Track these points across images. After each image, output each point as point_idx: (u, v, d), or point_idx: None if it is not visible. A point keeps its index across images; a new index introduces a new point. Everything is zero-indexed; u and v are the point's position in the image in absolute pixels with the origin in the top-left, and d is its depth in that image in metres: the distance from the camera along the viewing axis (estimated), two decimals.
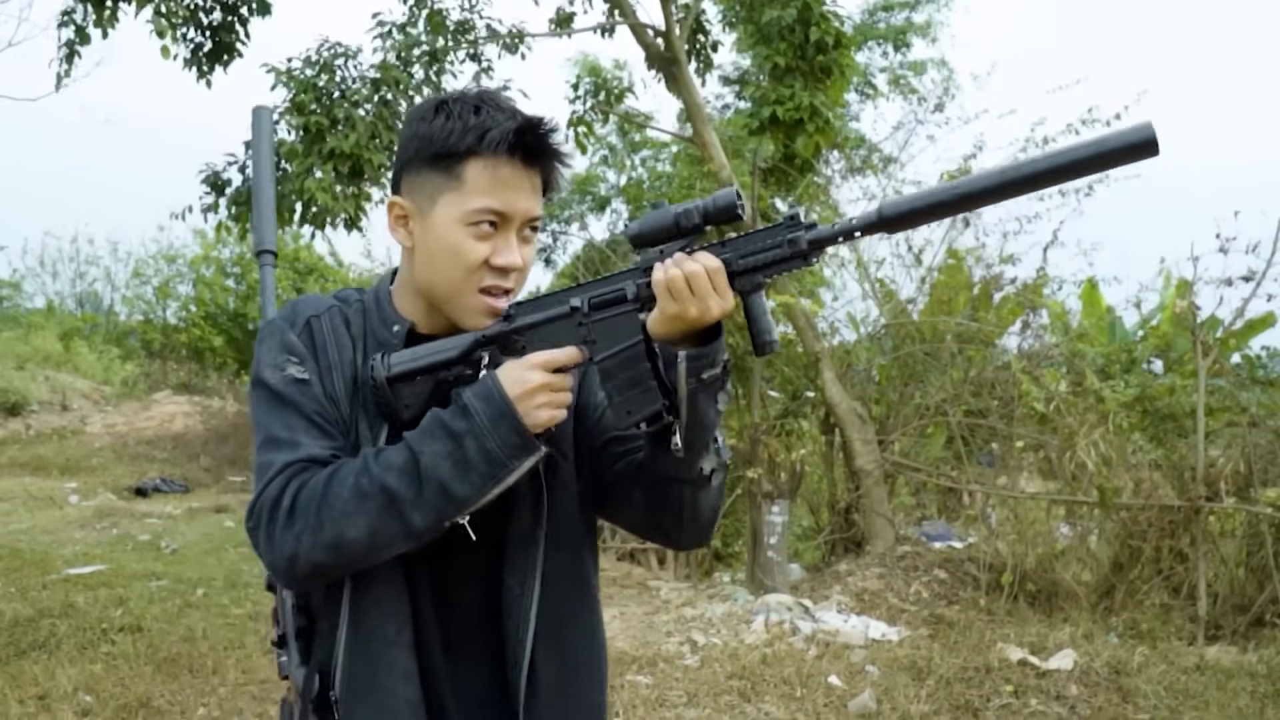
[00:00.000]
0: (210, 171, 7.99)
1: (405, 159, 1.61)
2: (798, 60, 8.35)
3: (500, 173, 1.55)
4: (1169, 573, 6.91)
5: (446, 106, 1.57)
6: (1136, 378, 8.05)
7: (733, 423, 10.42)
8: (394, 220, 1.63)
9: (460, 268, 1.57)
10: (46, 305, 27.98)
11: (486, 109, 1.56)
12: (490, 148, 1.54)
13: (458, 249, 1.56)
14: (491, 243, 1.57)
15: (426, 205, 1.58)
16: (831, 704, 5.28)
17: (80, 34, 7.48)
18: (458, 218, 1.55)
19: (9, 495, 12.17)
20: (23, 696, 5.28)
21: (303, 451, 1.54)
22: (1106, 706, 5.26)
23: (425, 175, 1.58)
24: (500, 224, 1.57)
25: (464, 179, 1.55)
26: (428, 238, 1.59)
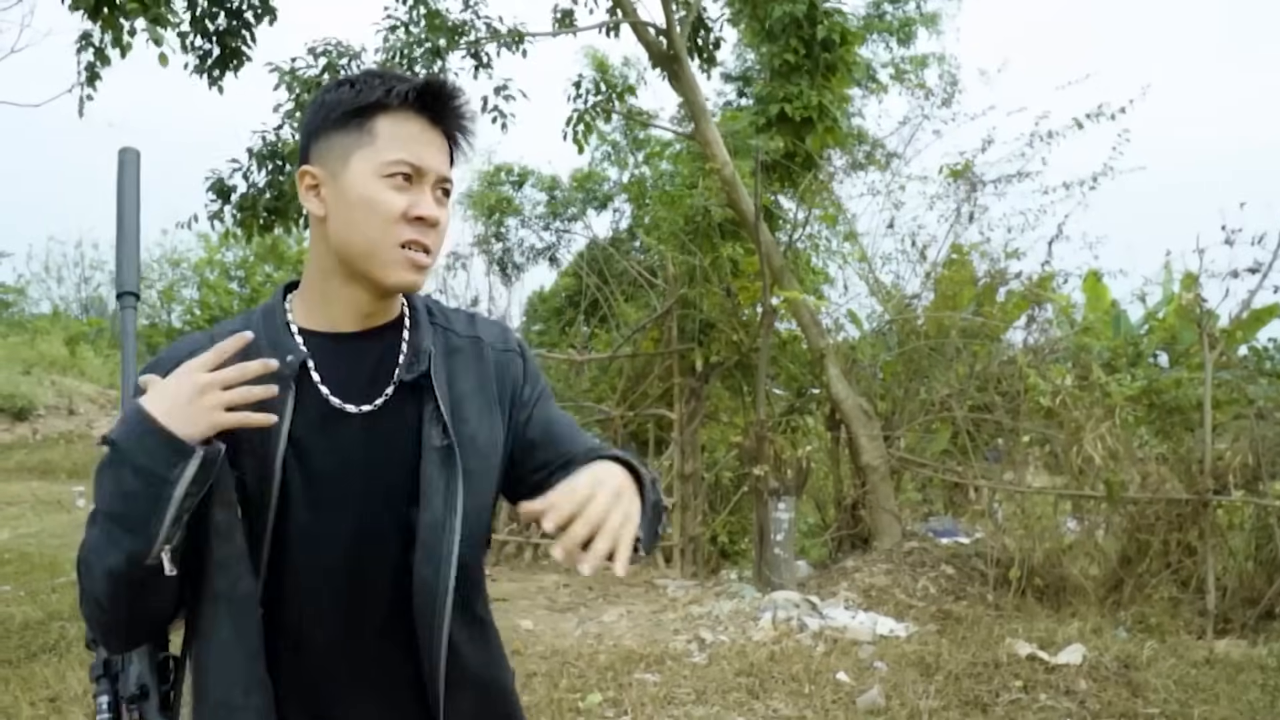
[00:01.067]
0: (216, 179, 8.00)
1: (313, 128, 1.59)
2: (804, 58, 8.34)
3: (409, 127, 1.55)
4: (1177, 566, 6.90)
5: (350, 78, 1.59)
6: (1143, 371, 8.03)
7: (738, 420, 10.43)
8: (305, 190, 1.59)
9: (379, 219, 1.54)
10: (52, 310, 28.05)
11: (389, 74, 1.57)
12: (398, 99, 1.54)
13: (374, 200, 1.53)
14: (408, 195, 1.55)
15: (339, 166, 1.56)
16: (840, 700, 5.28)
17: (100, 56, 7.48)
18: (372, 171, 1.54)
19: (17, 499, 12.21)
20: (34, 699, 5.29)
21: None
22: (1116, 701, 5.24)
23: (335, 138, 1.56)
24: (414, 177, 1.55)
25: (375, 133, 1.54)
26: (343, 198, 1.55)
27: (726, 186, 8.67)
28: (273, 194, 7.82)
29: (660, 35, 8.71)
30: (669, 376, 9.84)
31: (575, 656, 6.02)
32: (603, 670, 5.72)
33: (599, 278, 11.55)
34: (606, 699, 5.30)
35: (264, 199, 7.86)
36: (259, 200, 7.86)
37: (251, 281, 22.19)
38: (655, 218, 10.50)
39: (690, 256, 9.61)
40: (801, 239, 10.00)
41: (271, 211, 7.88)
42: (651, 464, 10.07)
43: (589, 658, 5.98)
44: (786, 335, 10.01)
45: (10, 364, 20.01)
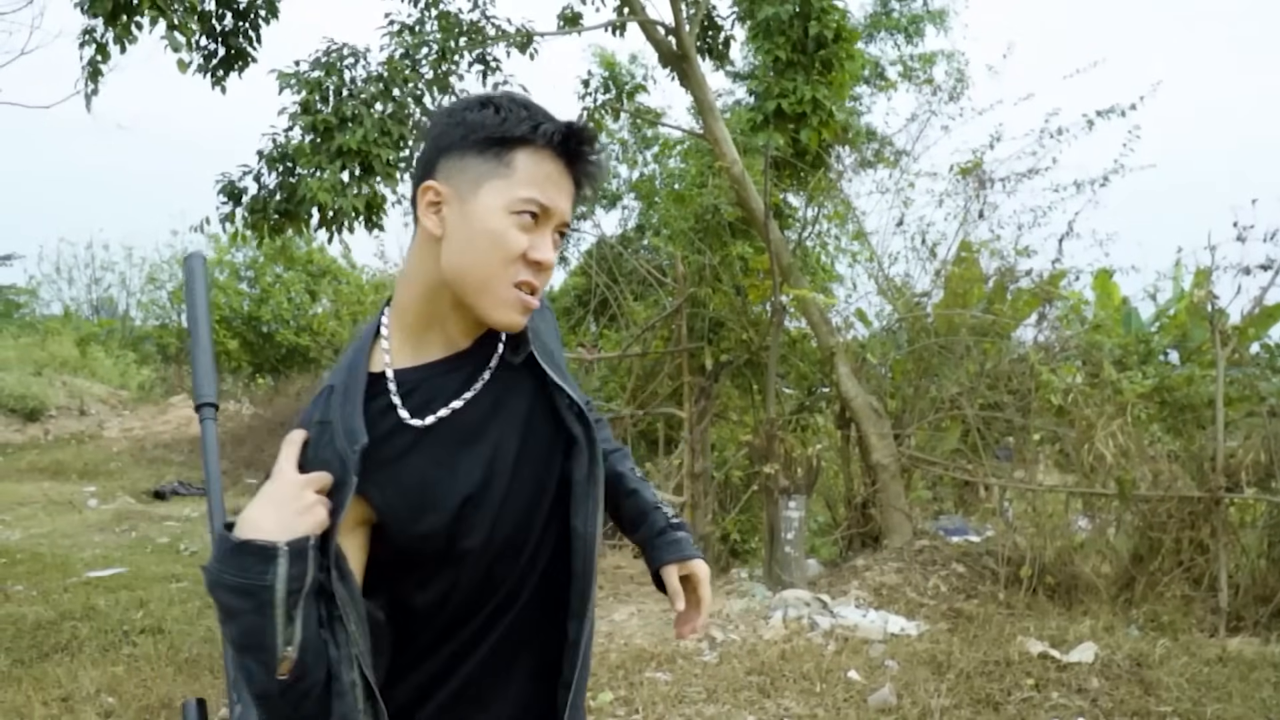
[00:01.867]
0: (227, 181, 8.02)
1: (446, 143, 1.56)
2: (798, 54, 8.33)
3: (546, 167, 1.55)
4: (1189, 564, 6.88)
5: (495, 100, 1.56)
6: (1154, 368, 8.01)
7: (747, 418, 10.42)
8: (426, 206, 1.57)
9: (500, 256, 1.53)
10: (63, 311, 28.14)
11: (534, 107, 1.56)
12: (543, 139, 1.53)
13: (500, 236, 1.53)
14: (530, 236, 1.55)
15: (468, 190, 1.54)
16: (851, 699, 5.27)
17: (102, 51, 7.50)
18: (504, 205, 1.53)
19: (29, 500, 12.24)
20: (46, 698, 5.30)
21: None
22: (1128, 699, 5.23)
23: (470, 160, 1.54)
24: (540, 218, 1.55)
25: (514, 166, 1.53)
26: (467, 223, 1.54)
27: (735, 184, 8.66)
28: (283, 196, 7.83)
29: (669, 34, 8.71)
30: (678, 375, 9.84)
31: None
32: (614, 669, 5.72)
33: (608, 276, 11.55)
34: (618, 697, 5.30)
35: (274, 201, 7.86)
36: (269, 203, 7.87)
37: (261, 282, 22.20)
38: (664, 216, 10.50)
39: (700, 255, 9.61)
40: (810, 237, 9.99)
41: (282, 214, 7.88)
42: (661, 462, 10.08)
43: (600, 656, 5.98)
44: (796, 333, 10.01)
45: (21, 365, 20.06)
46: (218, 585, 1.39)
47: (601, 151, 1.61)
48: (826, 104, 8.37)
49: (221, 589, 1.38)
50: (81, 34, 7.49)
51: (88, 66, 7.53)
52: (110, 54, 7.52)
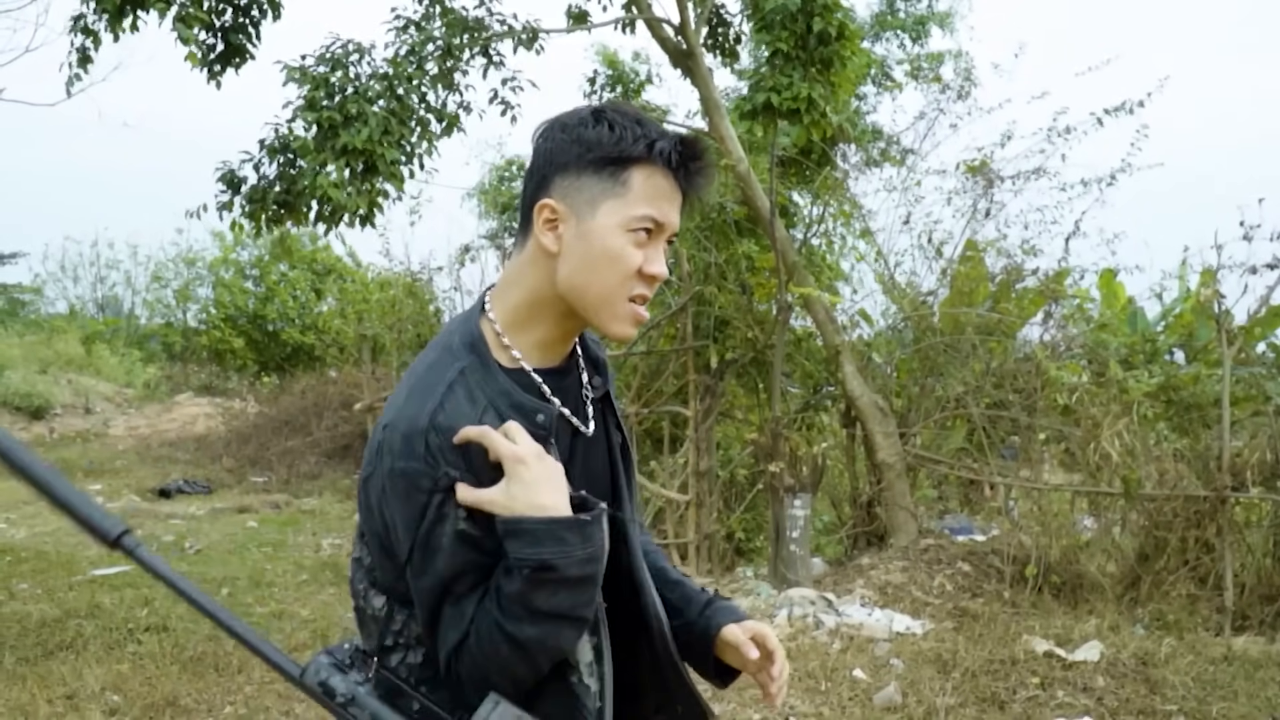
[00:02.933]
0: (226, 169, 8.01)
1: (562, 161, 1.58)
2: (799, 50, 8.31)
3: (660, 183, 1.58)
4: (1195, 563, 6.87)
5: (607, 115, 1.58)
6: (1159, 367, 8.00)
7: (753, 417, 10.41)
8: (543, 223, 1.59)
9: (618, 273, 1.57)
10: (68, 309, 28.18)
11: (647, 122, 1.59)
12: (659, 157, 1.56)
13: (618, 254, 1.56)
14: (645, 251, 1.58)
15: (586, 210, 1.57)
16: (856, 697, 5.27)
17: (91, 35, 7.50)
18: (620, 223, 1.56)
19: (34, 498, 12.23)
20: (51, 696, 5.31)
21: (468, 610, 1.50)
22: (1134, 698, 5.23)
23: (587, 179, 1.57)
24: (654, 233, 1.59)
25: (629, 185, 1.56)
26: (585, 241, 1.57)
27: (741, 182, 8.66)
28: (283, 187, 7.82)
29: (676, 32, 8.70)
30: (684, 373, 9.83)
31: None
32: None
33: None
34: None
35: (274, 192, 7.86)
36: (268, 193, 7.86)
37: (267, 280, 22.22)
38: None
39: (705, 253, 9.60)
40: (816, 235, 9.98)
41: (281, 205, 7.88)
42: (666, 461, 10.08)
43: None
44: (801, 332, 10.00)
45: (27, 363, 20.09)
46: (571, 563, 1.43)
47: (711, 162, 1.63)
48: (821, 103, 8.34)
49: (576, 564, 1.43)
50: (72, 20, 7.49)
51: (76, 52, 7.53)
52: (101, 40, 7.52)
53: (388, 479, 1.48)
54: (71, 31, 7.53)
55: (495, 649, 1.44)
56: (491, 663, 1.45)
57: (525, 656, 1.45)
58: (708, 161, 1.61)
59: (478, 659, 1.45)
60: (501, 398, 1.55)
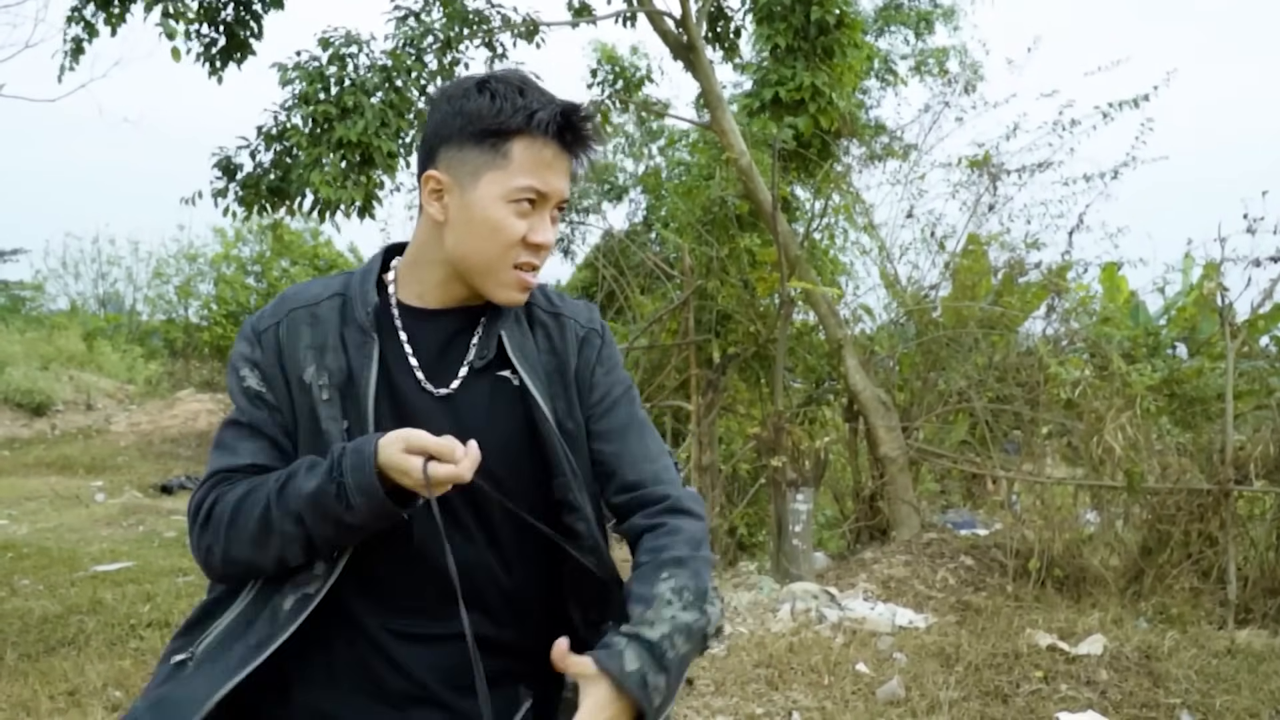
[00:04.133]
0: (223, 156, 7.99)
1: (445, 133, 1.63)
2: (799, 40, 8.29)
3: (543, 154, 1.60)
4: (1198, 557, 6.85)
5: (490, 86, 1.61)
6: (1161, 361, 7.98)
7: (754, 411, 10.40)
8: (428, 194, 1.64)
9: (499, 243, 1.61)
10: (69, 306, 28.14)
11: (530, 90, 1.61)
12: (539, 128, 1.58)
13: (499, 225, 1.60)
14: (529, 220, 1.61)
15: (468, 181, 1.60)
16: (860, 691, 5.25)
17: (88, 28, 7.48)
18: (501, 195, 1.59)
19: (36, 494, 12.26)
20: (53, 693, 5.29)
21: (235, 460, 1.64)
22: (1137, 691, 5.21)
23: (468, 151, 1.60)
24: (538, 203, 1.61)
25: (510, 157, 1.59)
26: (468, 212, 1.61)
27: (743, 176, 8.63)
28: (277, 175, 7.80)
29: (677, 25, 8.67)
30: (686, 368, 9.81)
31: None
32: None
33: (615, 269, 11.52)
34: None
35: (267, 179, 7.84)
36: (263, 180, 7.85)
37: (268, 276, 22.19)
38: (671, 209, 10.47)
39: (707, 247, 9.58)
40: (818, 229, 9.96)
41: (274, 193, 7.86)
42: None
43: None
44: (803, 326, 9.97)
45: (28, 360, 20.06)
46: (338, 506, 1.52)
47: (598, 128, 1.66)
48: (826, 90, 8.31)
49: (339, 507, 1.52)
50: (70, 10, 7.46)
51: (70, 43, 7.51)
52: (98, 32, 7.50)
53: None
54: (69, 23, 7.51)
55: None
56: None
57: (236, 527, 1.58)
58: (592, 128, 1.64)
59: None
60: (358, 286, 1.69)
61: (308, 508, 1.52)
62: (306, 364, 1.64)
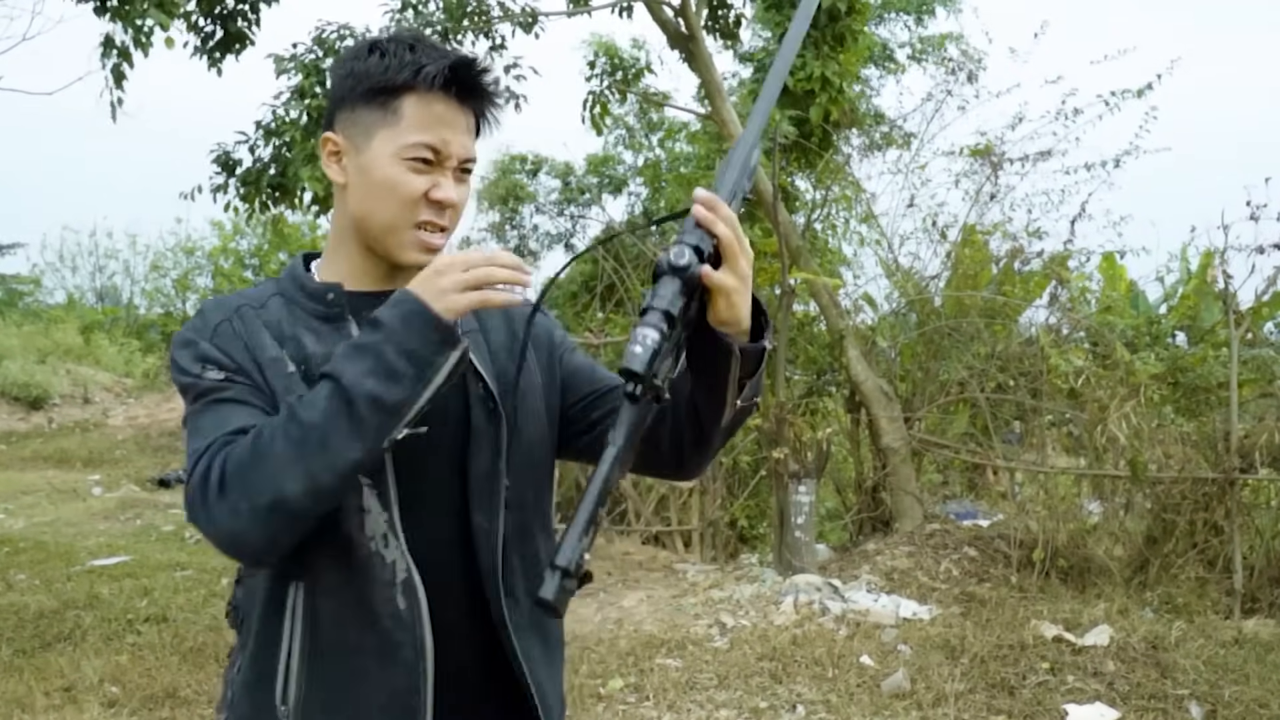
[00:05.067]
0: (221, 151, 7.94)
1: (340, 95, 1.61)
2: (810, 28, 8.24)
3: (435, 109, 1.56)
4: (1204, 546, 6.82)
5: (381, 45, 1.58)
6: (1162, 349, 7.95)
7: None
8: (327, 156, 1.62)
9: (397, 201, 1.56)
10: (67, 299, 28.11)
11: (421, 47, 1.57)
12: (426, 82, 1.54)
13: (394, 182, 1.56)
14: (428, 177, 1.57)
15: (362, 141, 1.58)
16: (864, 684, 5.21)
17: (124, 55, 7.38)
18: (394, 152, 1.55)
19: (33, 488, 12.21)
20: (49, 688, 5.25)
21: (228, 426, 1.49)
22: (1145, 682, 5.17)
23: (360, 111, 1.58)
24: (436, 160, 1.57)
25: (400, 114, 1.55)
26: (364, 173, 1.58)
27: None
28: (277, 169, 7.76)
29: (676, 14, 8.61)
30: None
31: (596, 642, 5.97)
32: (624, 655, 5.66)
33: (615, 262, 11.47)
34: (628, 684, 5.24)
35: (268, 175, 7.79)
36: (263, 175, 7.80)
37: (266, 269, 22.15)
38: (671, 200, 10.42)
39: None
40: (819, 219, 9.91)
41: (274, 188, 7.82)
42: None
43: (609, 643, 5.93)
44: (804, 316, 9.93)
45: (25, 353, 20.02)
46: (386, 342, 1.41)
47: (494, 79, 1.61)
48: (836, 80, 8.26)
49: (390, 346, 1.41)
50: (102, 42, 7.36)
51: (111, 74, 7.39)
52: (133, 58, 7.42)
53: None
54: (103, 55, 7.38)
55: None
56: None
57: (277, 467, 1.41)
58: (485, 81, 1.59)
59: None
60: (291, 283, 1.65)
61: (344, 360, 1.41)
62: (263, 354, 1.56)
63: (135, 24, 7.14)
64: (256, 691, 1.59)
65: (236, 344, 1.57)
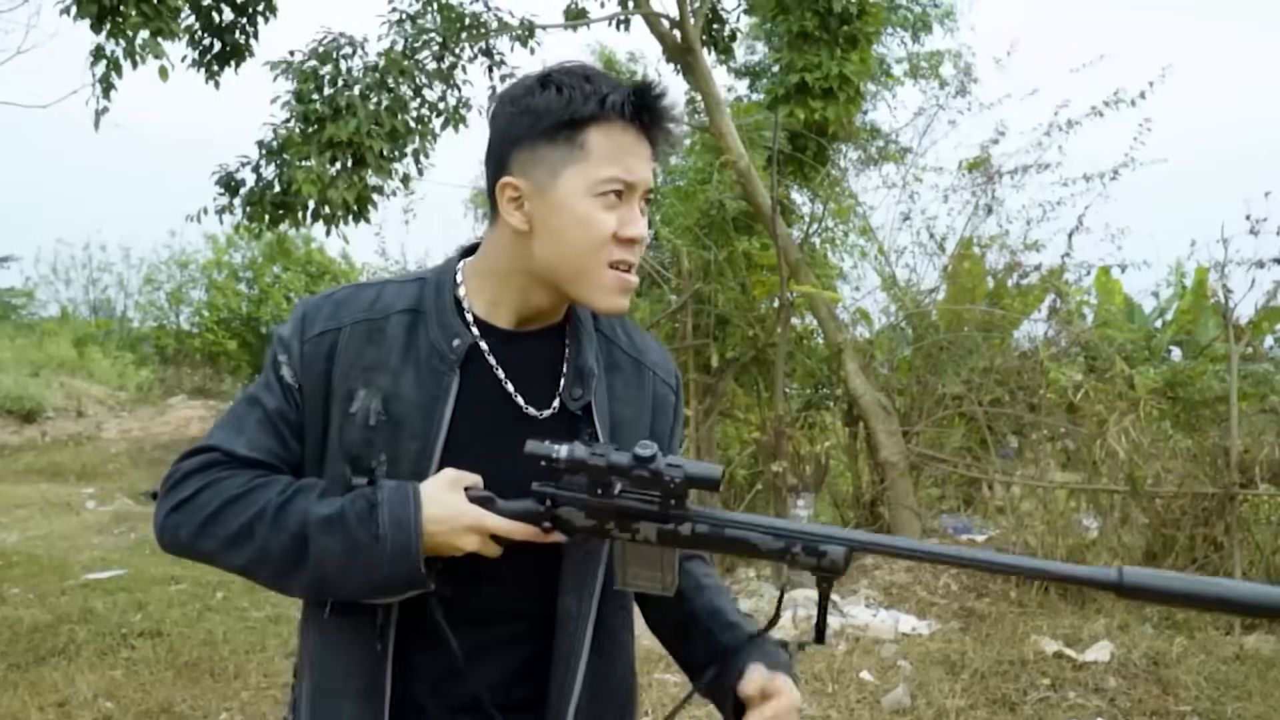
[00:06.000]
0: (224, 173, 7.93)
1: (515, 135, 1.51)
2: (821, 30, 8.26)
3: (622, 139, 1.49)
4: (1203, 561, 6.79)
5: (555, 79, 1.50)
6: (1163, 363, 7.94)
7: (752, 416, 10.33)
8: (507, 203, 1.52)
9: (590, 241, 1.49)
10: (60, 312, 28.00)
11: (596, 77, 1.50)
12: (614, 111, 1.47)
13: (588, 221, 1.48)
14: (618, 213, 1.50)
15: (548, 181, 1.49)
16: (865, 699, 5.18)
17: (115, 67, 7.37)
18: (585, 188, 1.48)
19: (26, 501, 12.15)
20: (43, 704, 5.20)
21: (237, 445, 1.52)
22: (1147, 698, 5.14)
23: (543, 150, 1.49)
24: (625, 193, 1.50)
25: (588, 148, 1.47)
26: (553, 214, 1.49)
27: (742, 179, 8.58)
28: (281, 188, 7.75)
29: (674, 27, 8.62)
30: (684, 372, 9.74)
31: None
32: None
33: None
34: None
35: (271, 194, 7.79)
36: (266, 195, 7.79)
37: (260, 283, 22.12)
38: (669, 212, 10.42)
39: (705, 250, 9.51)
40: (816, 233, 9.91)
41: (278, 206, 7.80)
42: None
43: None
44: (802, 330, 9.92)
45: (18, 366, 19.94)
46: (372, 555, 1.43)
47: (674, 103, 1.54)
48: (854, 80, 8.29)
49: (372, 561, 1.43)
50: (92, 52, 7.37)
51: (99, 84, 7.39)
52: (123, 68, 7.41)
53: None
54: (93, 65, 7.39)
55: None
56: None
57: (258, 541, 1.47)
58: (668, 104, 1.52)
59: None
60: (434, 304, 1.57)
61: (324, 527, 1.44)
62: (357, 385, 1.53)
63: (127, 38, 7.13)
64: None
65: (320, 364, 1.55)
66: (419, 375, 1.53)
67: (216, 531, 1.46)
